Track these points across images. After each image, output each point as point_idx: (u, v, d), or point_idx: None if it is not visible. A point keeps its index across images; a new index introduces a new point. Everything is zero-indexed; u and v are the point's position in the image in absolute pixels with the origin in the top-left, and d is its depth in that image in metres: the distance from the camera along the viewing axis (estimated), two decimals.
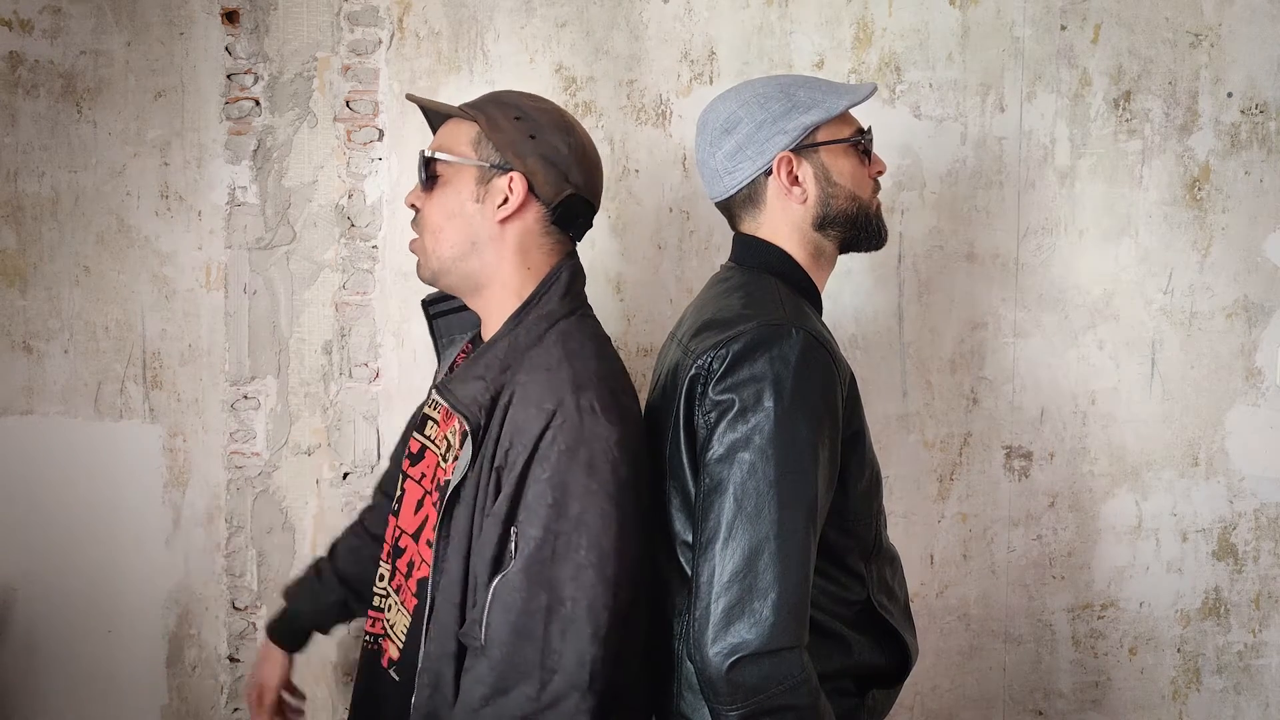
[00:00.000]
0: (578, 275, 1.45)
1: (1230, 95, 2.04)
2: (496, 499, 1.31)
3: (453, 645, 1.33)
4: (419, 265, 1.46)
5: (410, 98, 1.49)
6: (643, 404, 1.51)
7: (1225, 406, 2.08)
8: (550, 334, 1.38)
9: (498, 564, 1.30)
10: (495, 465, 1.31)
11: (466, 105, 1.44)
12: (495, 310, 1.43)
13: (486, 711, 1.26)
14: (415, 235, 1.45)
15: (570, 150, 1.41)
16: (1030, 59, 2.03)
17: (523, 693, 1.25)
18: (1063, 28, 2.02)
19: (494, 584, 1.28)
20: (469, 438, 1.33)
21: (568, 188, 1.40)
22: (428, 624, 1.35)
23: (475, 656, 1.29)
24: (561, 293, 1.41)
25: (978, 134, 2.03)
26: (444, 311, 1.57)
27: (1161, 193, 2.05)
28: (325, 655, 2.09)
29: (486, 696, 1.26)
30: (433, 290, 1.54)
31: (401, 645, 1.43)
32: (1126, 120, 2.04)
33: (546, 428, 1.28)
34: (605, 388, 1.33)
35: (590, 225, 1.48)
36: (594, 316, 1.47)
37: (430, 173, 1.41)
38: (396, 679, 1.43)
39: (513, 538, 1.28)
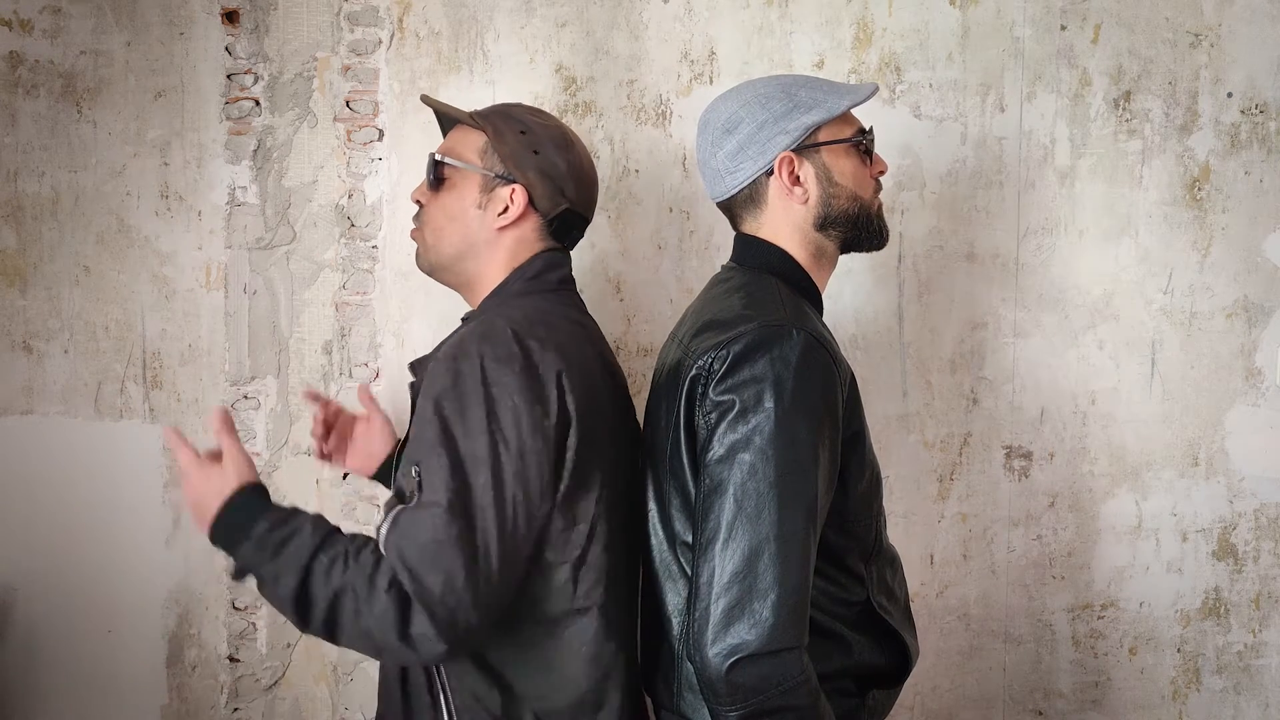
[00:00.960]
0: (553, 266, 1.50)
1: (1230, 95, 2.04)
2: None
3: None
4: (418, 255, 1.55)
5: (425, 100, 1.57)
6: (642, 404, 1.52)
7: (1225, 406, 2.08)
8: (498, 307, 1.44)
9: (400, 497, 1.34)
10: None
11: (476, 114, 1.51)
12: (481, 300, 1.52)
13: (402, 621, 1.26)
14: (416, 226, 1.54)
15: (568, 167, 1.49)
16: (1030, 59, 2.03)
17: (430, 613, 1.25)
18: (1063, 28, 2.02)
19: (396, 512, 1.29)
20: (411, 400, 1.43)
21: (564, 202, 1.49)
22: None
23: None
24: (528, 276, 1.48)
25: (978, 134, 2.03)
26: None
27: (1161, 193, 2.05)
28: (325, 655, 2.09)
29: (391, 610, 1.26)
30: (438, 294, 1.64)
31: None
32: (1126, 120, 2.04)
33: (455, 377, 1.31)
34: (515, 339, 1.34)
35: (581, 236, 1.56)
36: (569, 302, 1.50)
37: (438, 174, 1.50)
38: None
39: (414, 474, 1.30)
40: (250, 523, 1.30)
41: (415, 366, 1.50)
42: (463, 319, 1.59)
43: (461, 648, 1.28)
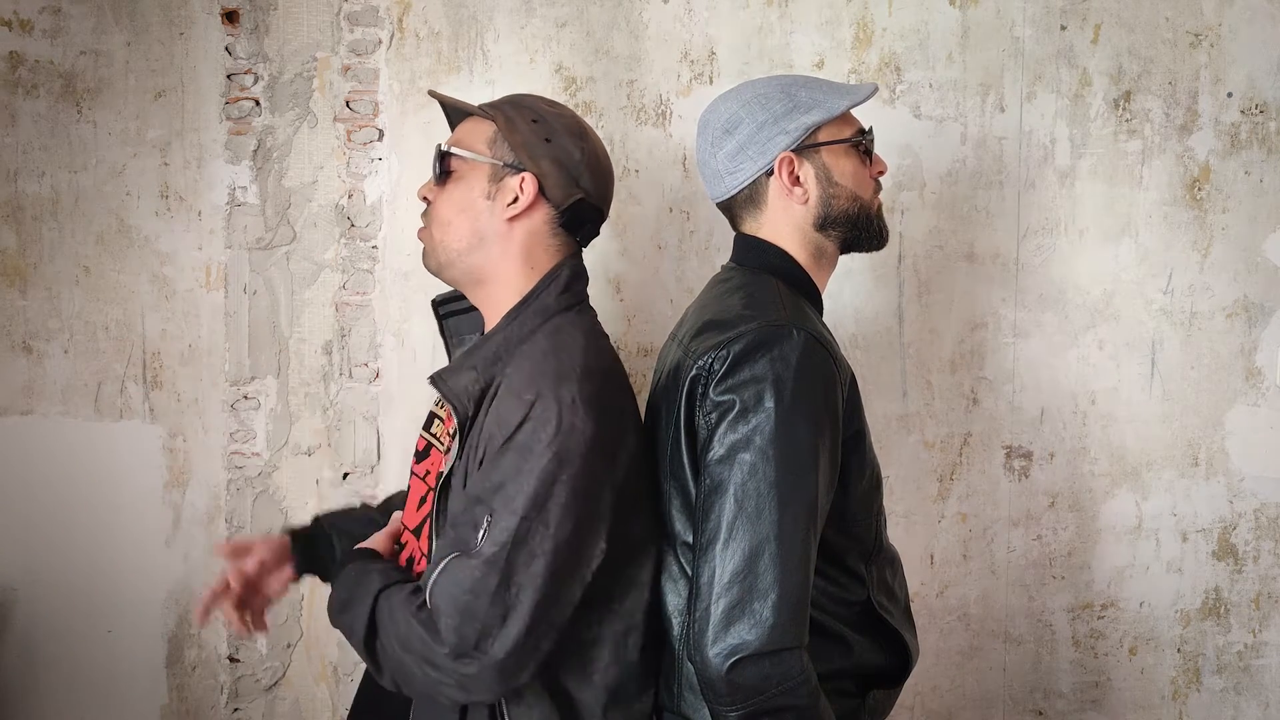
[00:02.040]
0: (579, 275, 1.45)
1: (1230, 95, 2.04)
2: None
3: None
4: (425, 255, 1.47)
5: (432, 94, 1.51)
6: (643, 404, 1.51)
7: (1225, 406, 2.08)
8: (543, 328, 1.39)
9: (457, 544, 1.31)
10: (480, 456, 1.32)
11: (486, 105, 1.47)
12: (496, 305, 1.44)
13: (427, 671, 1.27)
14: (423, 225, 1.48)
15: (583, 156, 1.43)
16: (1030, 59, 2.03)
17: (453, 668, 1.26)
18: (1063, 28, 2.02)
19: (448, 559, 1.28)
20: (459, 428, 1.35)
21: (577, 192, 1.42)
22: None
23: (420, 615, 1.30)
24: (560, 289, 1.42)
25: (978, 134, 2.03)
26: (454, 312, 1.57)
27: (1161, 193, 2.05)
28: (325, 655, 2.09)
29: (422, 659, 1.28)
30: (444, 290, 1.56)
31: None
32: (1126, 120, 2.04)
33: (526, 417, 1.28)
34: (589, 381, 1.32)
35: (598, 233, 1.50)
36: (593, 314, 1.47)
37: (445, 167, 1.44)
38: None
39: (485, 522, 1.28)
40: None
41: (439, 382, 1.40)
42: (435, 302, 1.55)
43: (494, 687, 1.28)
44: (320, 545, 1.61)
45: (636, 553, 1.38)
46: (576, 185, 1.42)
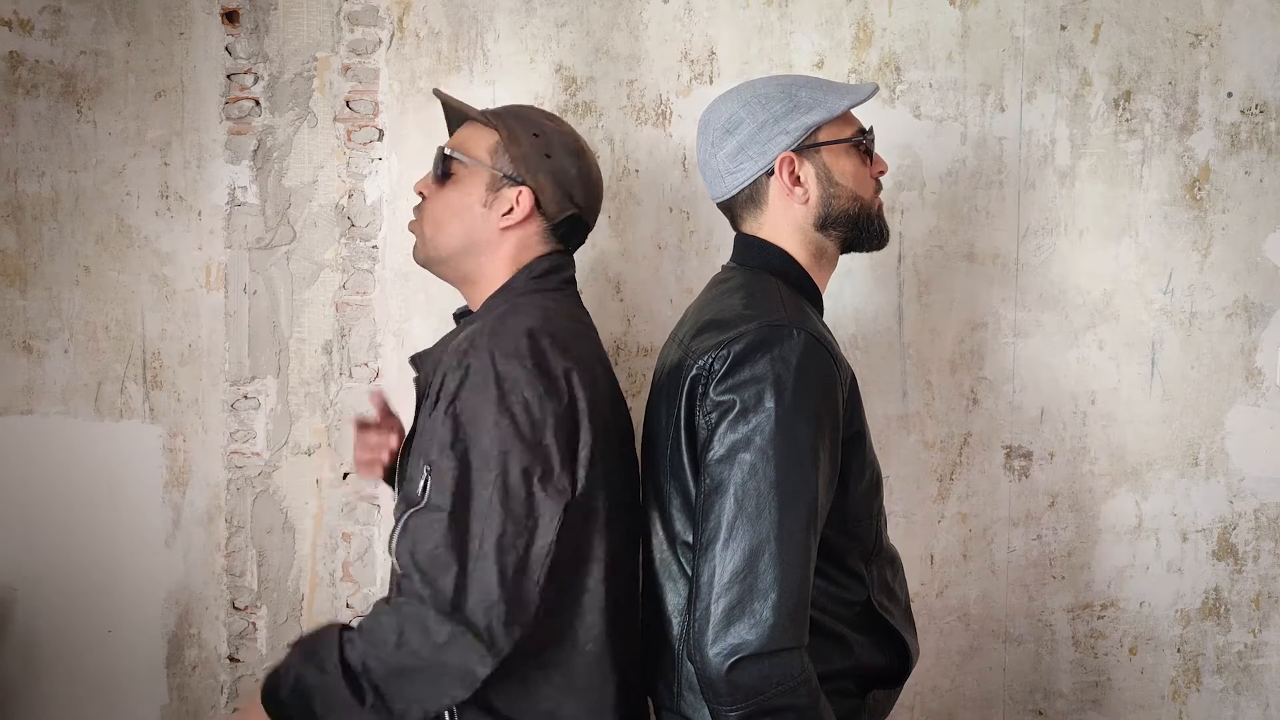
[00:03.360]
0: (558, 268, 1.50)
1: (1230, 95, 2.04)
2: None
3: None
4: (415, 247, 1.53)
5: (437, 93, 1.56)
6: (642, 404, 1.52)
7: (1225, 406, 2.08)
8: (504, 305, 1.43)
9: (407, 501, 1.33)
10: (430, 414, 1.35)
11: (489, 113, 1.51)
12: (482, 300, 1.50)
13: (410, 635, 1.26)
14: (415, 218, 1.53)
15: (578, 174, 1.49)
16: (1030, 59, 2.03)
17: (437, 623, 1.26)
18: (1063, 28, 2.02)
19: (405, 517, 1.30)
20: (418, 398, 1.41)
21: (571, 208, 1.48)
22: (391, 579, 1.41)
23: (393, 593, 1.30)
24: (533, 275, 1.47)
25: (978, 134, 2.03)
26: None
27: (1161, 193, 2.05)
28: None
29: (403, 626, 1.27)
30: (437, 291, 1.59)
31: None
32: (1126, 120, 2.04)
33: (464, 372, 1.31)
34: (528, 339, 1.34)
35: (583, 242, 1.56)
36: (573, 300, 1.50)
37: (445, 169, 1.49)
38: None
39: (424, 473, 1.30)
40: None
41: (417, 361, 1.49)
42: (456, 315, 1.58)
43: (497, 648, 1.27)
44: None
45: (590, 551, 1.38)
46: (570, 201, 1.48)
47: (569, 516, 1.33)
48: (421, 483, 1.30)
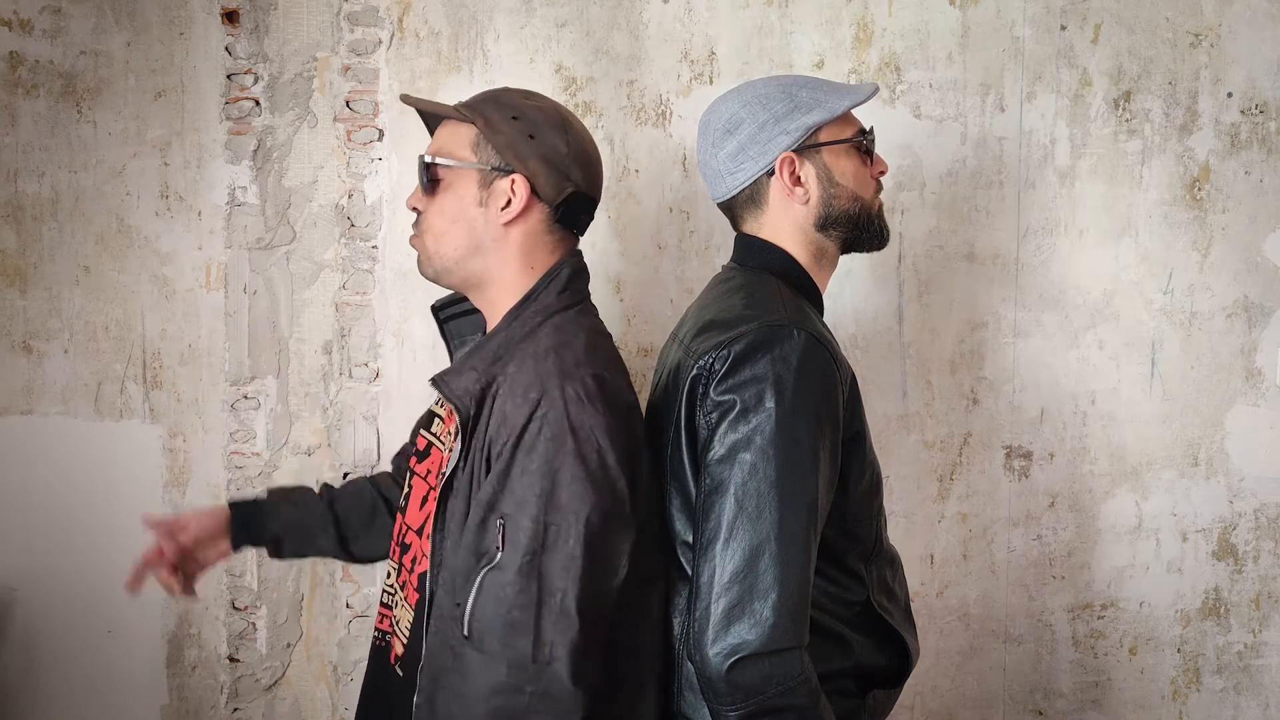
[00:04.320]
0: (580, 272, 1.44)
1: (1230, 95, 2.04)
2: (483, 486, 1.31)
3: (446, 625, 1.33)
4: (420, 263, 1.46)
5: (405, 99, 1.48)
6: (643, 404, 1.51)
7: (1225, 406, 2.08)
8: (544, 326, 1.38)
9: (476, 552, 1.30)
10: (485, 456, 1.31)
11: (462, 106, 1.44)
12: (497, 307, 1.43)
13: (494, 702, 1.25)
14: (415, 234, 1.46)
15: (569, 148, 1.41)
16: (1030, 59, 2.03)
17: (519, 687, 1.24)
18: (1063, 28, 2.03)
19: (481, 575, 1.28)
20: (461, 428, 1.34)
21: (569, 186, 1.40)
22: (428, 618, 1.35)
23: (465, 652, 1.28)
24: (560, 288, 1.41)
25: (978, 134, 2.03)
26: (455, 315, 1.56)
27: (1161, 193, 2.05)
28: (325, 655, 2.09)
29: (487, 693, 1.26)
30: (442, 295, 1.55)
31: (406, 641, 1.43)
32: (1126, 120, 2.04)
33: (531, 416, 1.28)
34: (593, 376, 1.32)
35: (591, 219, 1.48)
36: (594, 312, 1.46)
37: (431, 176, 1.42)
38: (401, 675, 1.43)
39: (498, 528, 1.28)
40: None
41: (442, 384, 1.38)
42: (435, 308, 1.54)
43: (579, 700, 1.25)
44: (269, 518, 1.63)
45: (651, 569, 1.37)
46: (567, 179, 1.40)
47: (635, 545, 1.32)
48: (500, 537, 1.27)
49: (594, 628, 1.26)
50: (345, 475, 2.07)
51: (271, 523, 1.63)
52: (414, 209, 1.45)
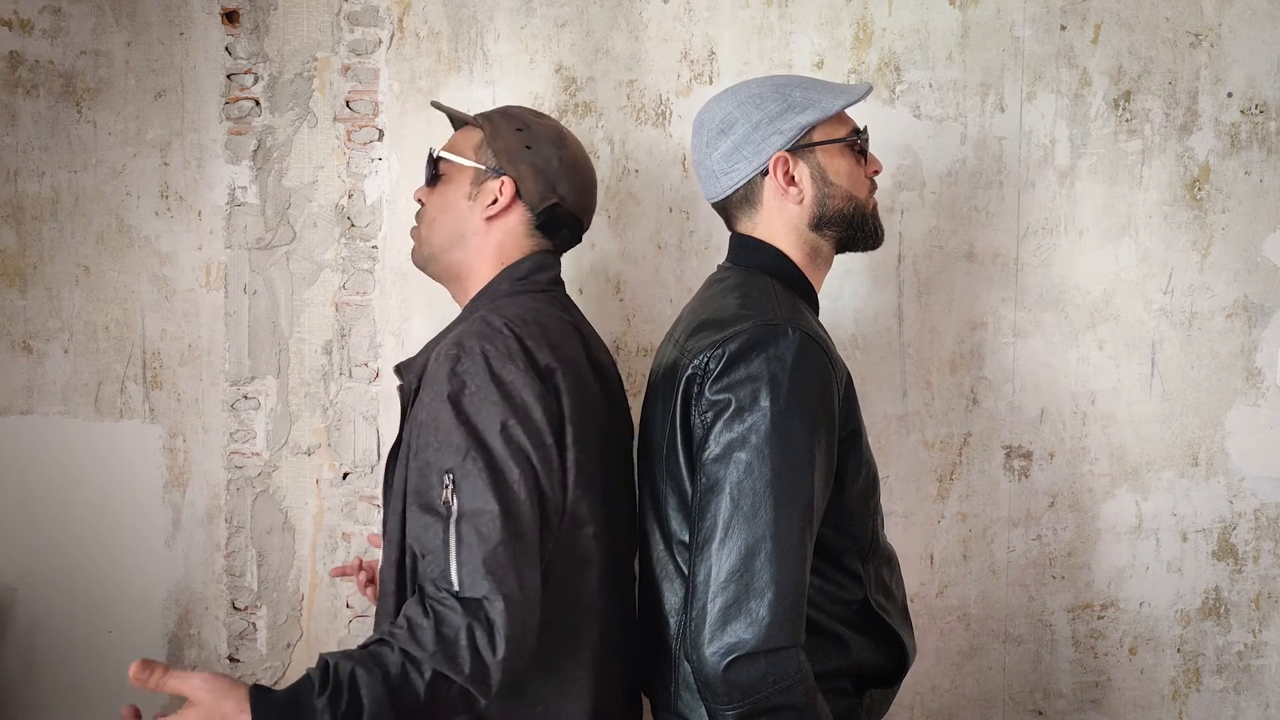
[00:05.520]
0: (543, 267, 1.50)
1: (1230, 95, 2.04)
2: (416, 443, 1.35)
3: (390, 603, 1.37)
4: (413, 250, 1.57)
5: (435, 105, 1.62)
6: (640, 404, 1.52)
7: (1225, 406, 2.07)
8: (486, 306, 1.44)
9: (434, 512, 1.29)
10: (419, 422, 1.34)
11: (480, 114, 1.55)
12: (468, 299, 1.53)
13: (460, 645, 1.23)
14: (416, 225, 1.57)
15: (561, 164, 1.51)
16: (1030, 59, 2.03)
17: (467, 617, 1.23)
18: (1063, 28, 2.02)
19: (456, 527, 1.27)
20: (403, 401, 1.42)
21: (553, 197, 1.49)
22: (381, 567, 1.43)
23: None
24: (517, 276, 1.48)
25: (978, 134, 2.03)
26: None
27: (1161, 193, 2.05)
28: (327, 651, 2.09)
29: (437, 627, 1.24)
30: (440, 296, 1.63)
31: None
32: (1126, 120, 2.04)
33: (463, 380, 1.31)
34: (518, 339, 1.34)
35: (578, 240, 1.57)
36: (555, 300, 1.49)
37: (435, 170, 1.54)
38: None
39: (445, 481, 1.28)
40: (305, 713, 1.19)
41: (402, 369, 1.47)
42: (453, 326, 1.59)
43: (519, 661, 1.25)
44: None
45: (585, 553, 1.38)
46: (553, 191, 1.50)
47: (564, 521, 1.34)
48: (448, 491, 1.27)
49: (495, 545, 1.24)
50: (344, 476, 2.07)
51: None
52: (418, 200, 1.57)
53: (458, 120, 1.61)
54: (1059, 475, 2.08)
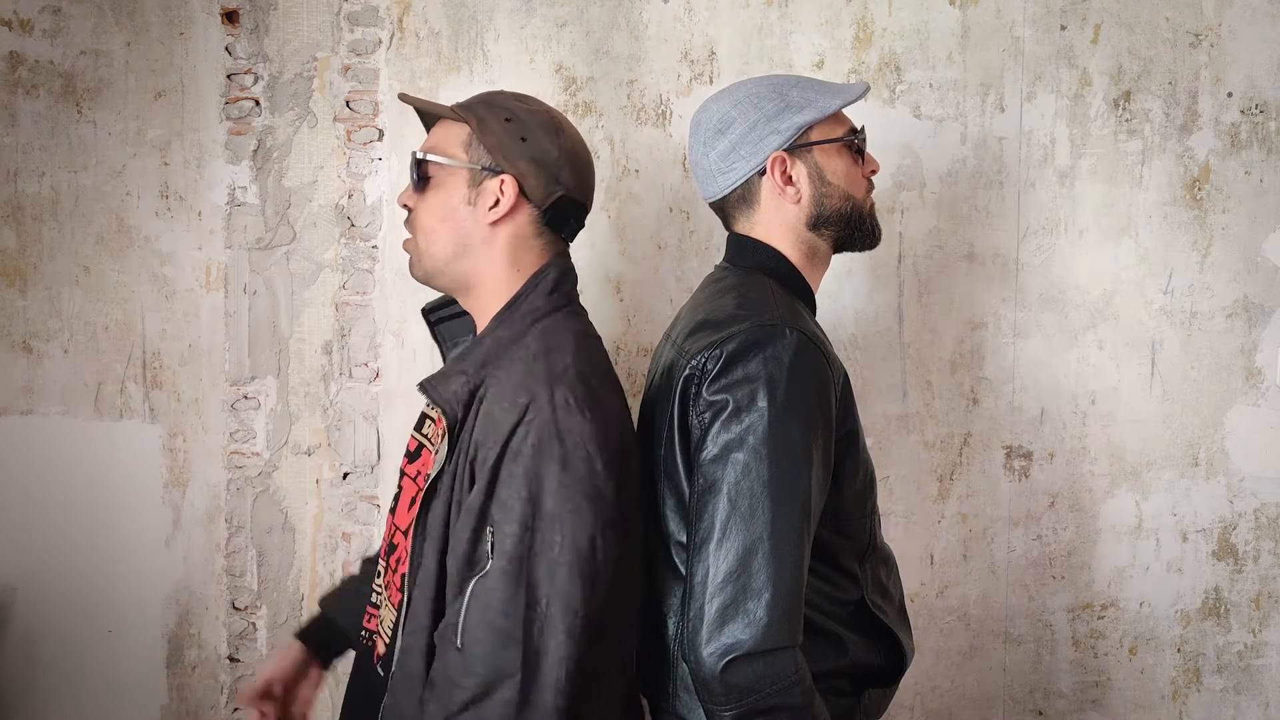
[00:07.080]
0: (567, 274, 1.45)
1: (1230, 95, 2.04)
2: (470, 492, 1.31)
3: (425, 640, 1.33)
4: (411, 264, 1.47)
5: (403, 98, 1.50)
6: (638, 404, 1.51)
7: (1225, 406, 2.07)
8: (533, 329, 1.38)
9: (470, 561, 1.30)
10: (469, 459, 1.31)
11: (458, 106, 1.45)
12: (485, 309, 1.44)
13: (467, 715, 1.25)
14: (408, 235, 1.47)
15: (560, 152, 1.42)
16: (1030, 59, 2.03)
17: (503, 695, 1.24)
18: (1063, 28, 2.02)
19: (472, 584, 1.28)
20: (448, 431, 1.34)
21: (558, 189, 1.41)
22: (405, 619, 1.36)
23: (449, 656, 1.28)
24: (548, 290, 1.41)
25: (978, 134, 2.03)
26: (445, 318, 1.57)
27: (1161, 193, 2.05)
28: None
29: (466, 701, 1.25)
30: (432, 298, 1.56)
31: (388, 641, 1.43)
32: (1126, 120, 2.04)
33: (519, 422, 1.28)
34: (581, 382, 1.32)
35: (582, 226, 1.49)
36: (583, 314, 1.47)
37: (422, 174, 1.43)
38: (381, 674, 1.43)
39: (488, 536, 1.28)
40: None
41: (433, 393, 1.38)
42: (425, 310, 1.55)
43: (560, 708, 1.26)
44: (339, 624, 1.65)
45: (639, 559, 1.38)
46: (556, 182, 1.41)
47: (623, 551, 1.32)
48: (488, 545, 1.27)
49: (577, 635, 1.26)
50: (345, 476, 2.07)
51: (344, 624, 1.65)
52: (405, 206, 1.46)
53: (432, 115, 1.49)
54: (1059, 475, 2.08)
